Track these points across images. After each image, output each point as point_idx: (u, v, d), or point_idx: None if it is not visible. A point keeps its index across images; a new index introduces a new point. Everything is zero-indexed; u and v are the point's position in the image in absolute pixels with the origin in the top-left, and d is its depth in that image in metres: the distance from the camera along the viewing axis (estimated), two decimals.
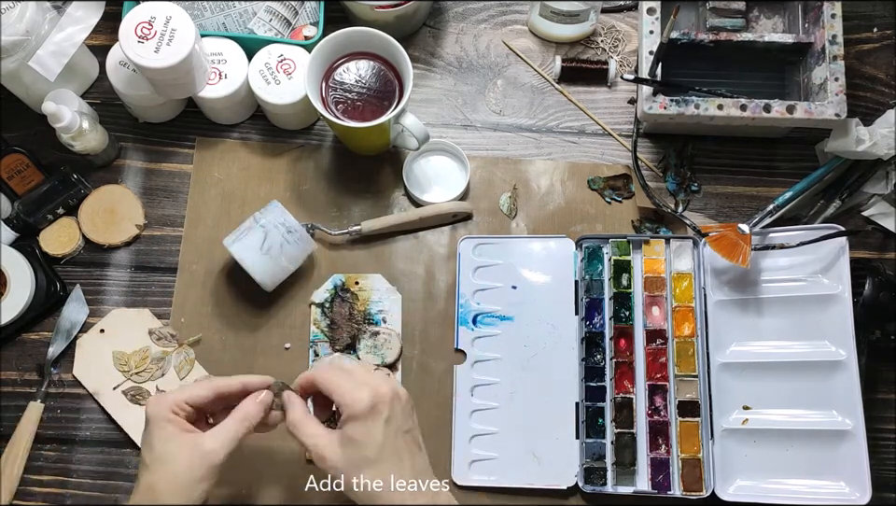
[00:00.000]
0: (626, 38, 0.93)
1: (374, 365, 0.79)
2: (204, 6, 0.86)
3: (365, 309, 0.83)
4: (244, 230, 0.79)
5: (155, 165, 0.88)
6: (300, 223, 0.80)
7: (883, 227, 0.87)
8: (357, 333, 0.82)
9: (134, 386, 0.81)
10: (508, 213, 0.87)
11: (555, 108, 0.91)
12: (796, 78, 0.87)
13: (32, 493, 0.80)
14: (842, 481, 0.76)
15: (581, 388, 0.81)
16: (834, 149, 0.83)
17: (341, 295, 0.83)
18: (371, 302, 0.83)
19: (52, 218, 0.85)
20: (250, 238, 0.78)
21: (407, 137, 0.83)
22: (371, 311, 0.83)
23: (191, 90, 0.82)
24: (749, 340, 0.81)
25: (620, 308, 0.82)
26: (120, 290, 0.85)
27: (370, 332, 0.82)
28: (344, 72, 0.82)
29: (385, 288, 0.84)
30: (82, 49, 0.84)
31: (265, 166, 0.88)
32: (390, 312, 0.83)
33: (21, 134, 0.88)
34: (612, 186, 0.88)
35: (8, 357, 0.83)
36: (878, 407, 0.83)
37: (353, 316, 0.83)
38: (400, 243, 0.86)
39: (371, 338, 0.82)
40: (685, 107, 0.80)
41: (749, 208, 0.88)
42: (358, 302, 0.83)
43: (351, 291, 0.83)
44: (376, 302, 0.83)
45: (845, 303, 0.78)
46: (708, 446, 0.78)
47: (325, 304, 0.83)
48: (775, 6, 0.88)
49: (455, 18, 0.93)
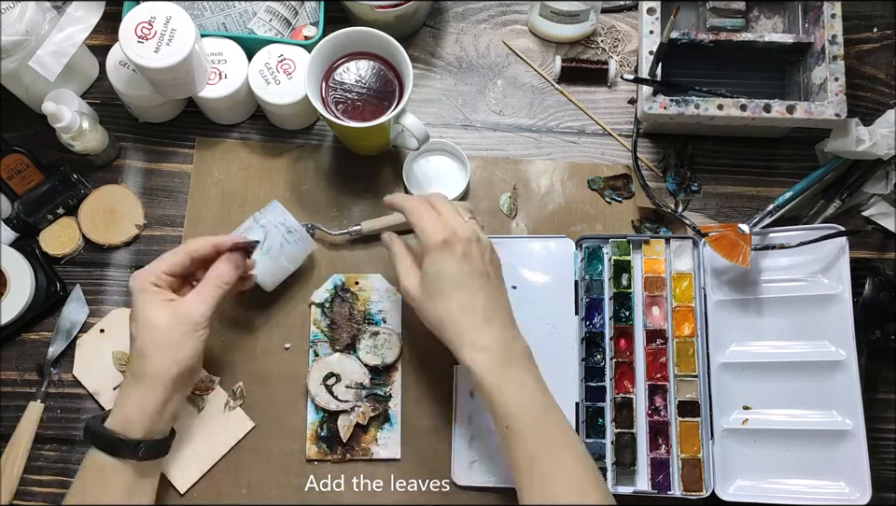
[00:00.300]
0: (626, 38, 0.93)
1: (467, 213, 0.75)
2: (204, 6, 0.86)
3: (365, 309, 0.83)
4: (243, 229, 0.79)
5: (155, 165, 0.88)
6: (300, 223, 0.80)
7: (883, 227, 0.87)
8: (358, 333, 0.82)
9: None
10: (508, 213, 0.87)
11: (555, 108, 0.91)
12: (796, 78, 0.87)
13: (32, 493, 0.80)
14: (842, 481, 0.76)
15: (581, 388, 0.81)
16: (834, 149, 0.83)
17: (341, 295, 0.83)
18: (371, 302, 0.83)
19: (52, 218, 0.85)
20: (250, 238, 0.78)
21: (407, 137, 0.83)
22: (372, 311, 0.83)
23: (191, 90, 0.82)
24: (748, 340, 0.81)
25: (620, 308, 0.82)
26: (120, 290, 0.85)
27: (370, 332, 0.82)
28: (344, 72, 0.82)
29: (384, 289, 0.84)
30: (82, 49, 0.84)
31: (265, 166, 0.88)
32: (390, 312, 0.83)
33: (21, 134, 0.88)
34: (612, 186, 0.88)
35: (8, 357, 0.83)
36: (878, 407, 0.83)
37: (353, 316, 0.83)
38: None
39: (371, 338, 0.81)
40: (685, 107, 0.80)
41: (749, 208, 0.88)
42: (358, 302, 0.83)
43: (351, 291, 0.83)
44: (376, 302, 0.83)
45: (845, 303, 0.78)
46: (708, 446, 0.78)
47: (325, 304, 0.83)
48: (775, 6, 0.88)
49: (454, 18, 0.93)
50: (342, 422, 0.80)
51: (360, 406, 0.80)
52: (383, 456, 0.80)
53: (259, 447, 0.81)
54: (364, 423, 0.80)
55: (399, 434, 0.80)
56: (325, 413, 0.80)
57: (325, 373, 0.80)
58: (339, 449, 0.80)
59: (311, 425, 0.80)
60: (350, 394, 0.80)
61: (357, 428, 0.80)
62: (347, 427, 0.79)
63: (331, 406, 0.80)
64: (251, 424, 0.81)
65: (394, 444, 0.80)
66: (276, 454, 0.80)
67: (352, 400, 0.80)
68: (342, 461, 0.80)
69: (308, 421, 0.80)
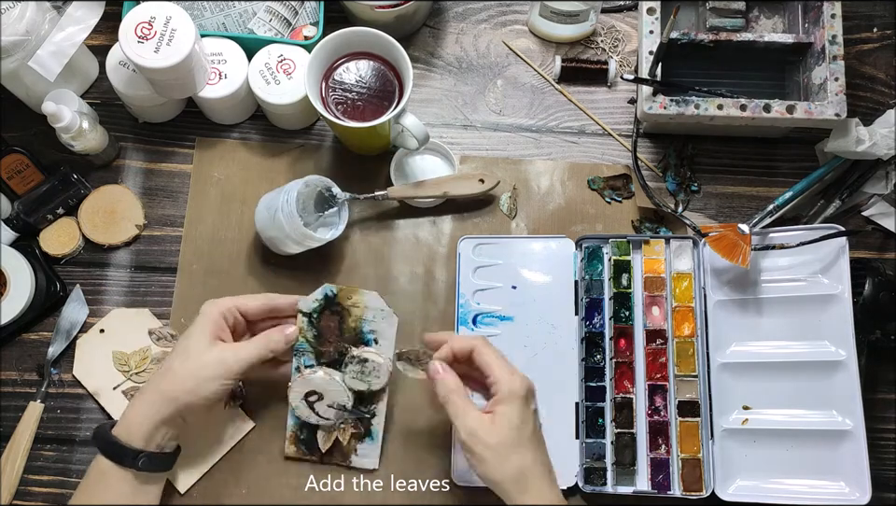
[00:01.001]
0: (626, 38, 0.93)
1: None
2: (204, 6, 0.86)
3: (357, 326, 0.75)
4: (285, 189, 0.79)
5: (155, 165, 0.88)
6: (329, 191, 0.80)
7: (883, 227, 0.87)
8: (346, 351, 0.75)
9: (134, 386, 0.81)
10: (508, 213, 0.87)
11: (555, 108, 0.91)
12: (796, 78, 0.87)
13: (32, 493, 0.80)
14: (842, 481, 0.76)
15: (581, 388, 0.81)
16: (834, 149, 0.83)
17: (330, 308, 0.76)
18: (364, 321, 0.75)
19: (52, 218, 0.85)
20: (275, 194, 0.79)
21: (407, 137, 0.83)
22: (364, 329, 0.75)
23: (191, 90, 0.82)
24: (748, 340, 0.81)
25: (620, 308, 0.82)
26: (120, 290, 0.85)
27: (358, 358, 0.75)
28: (344, 72, 0.82)
29: (379, 308, 0.75)
30: (82, 49, 0.84)
31: (265, 166, 0.88)
32: (383, 334, 0.75)
33: (21, 134, 0.88)
34: (612, 186, 0.88)
35: (8, 357, 0.83)
36: (878, 407, 0.83)
37: (342, 332, 0.76)
38: (400, 242, 0.86)
39: (359, 365, 0.75)
40: (685, 107, 0.80)
41: (749, 208, 0.88)
42: (350, 319, 0.75)
43: (343, 306, 0.75)
44: (369, 322, 0.75)
45: (845, 303, 0.78)
46: (708, 446, 0.78)
47: (312, 314, 0.76)
48: (775, 6, 0.88)
49: (455, 18, 0.93)
50: (321, 435, 0.78)
51: (343, 425, 0.78)
52: (360, 466, 0.79)
53: (258, 447, 0.81)
54: (344, 442, 0.78)
55: (378, 447, 0.79)
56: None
57: (307, 390, 0.75)
58: (317, 452, 0.79)
59: (291, 427, 0.79)
60: (331, 413, 0.76)
61: (336, 440, 0.78)
62: (327, 440, 0.78)
63: (311, 420, 0.77)
64: (251, 424, 0.81)
65: (373, 456, 0.79)
66: (276, 454, 0.80)
67: (333, 418, 0.77)
68: (319, 463, 0.79)
69: (288, 423, 0.79)
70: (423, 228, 0.87)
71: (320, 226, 0.82)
